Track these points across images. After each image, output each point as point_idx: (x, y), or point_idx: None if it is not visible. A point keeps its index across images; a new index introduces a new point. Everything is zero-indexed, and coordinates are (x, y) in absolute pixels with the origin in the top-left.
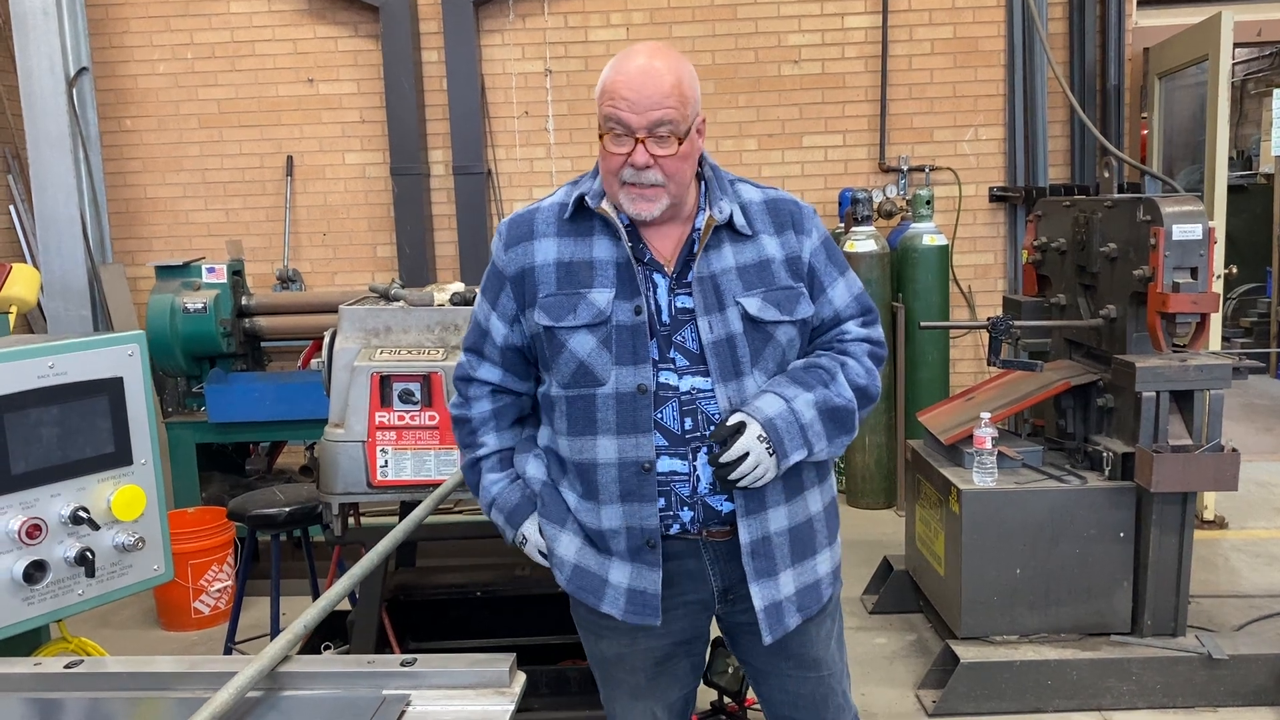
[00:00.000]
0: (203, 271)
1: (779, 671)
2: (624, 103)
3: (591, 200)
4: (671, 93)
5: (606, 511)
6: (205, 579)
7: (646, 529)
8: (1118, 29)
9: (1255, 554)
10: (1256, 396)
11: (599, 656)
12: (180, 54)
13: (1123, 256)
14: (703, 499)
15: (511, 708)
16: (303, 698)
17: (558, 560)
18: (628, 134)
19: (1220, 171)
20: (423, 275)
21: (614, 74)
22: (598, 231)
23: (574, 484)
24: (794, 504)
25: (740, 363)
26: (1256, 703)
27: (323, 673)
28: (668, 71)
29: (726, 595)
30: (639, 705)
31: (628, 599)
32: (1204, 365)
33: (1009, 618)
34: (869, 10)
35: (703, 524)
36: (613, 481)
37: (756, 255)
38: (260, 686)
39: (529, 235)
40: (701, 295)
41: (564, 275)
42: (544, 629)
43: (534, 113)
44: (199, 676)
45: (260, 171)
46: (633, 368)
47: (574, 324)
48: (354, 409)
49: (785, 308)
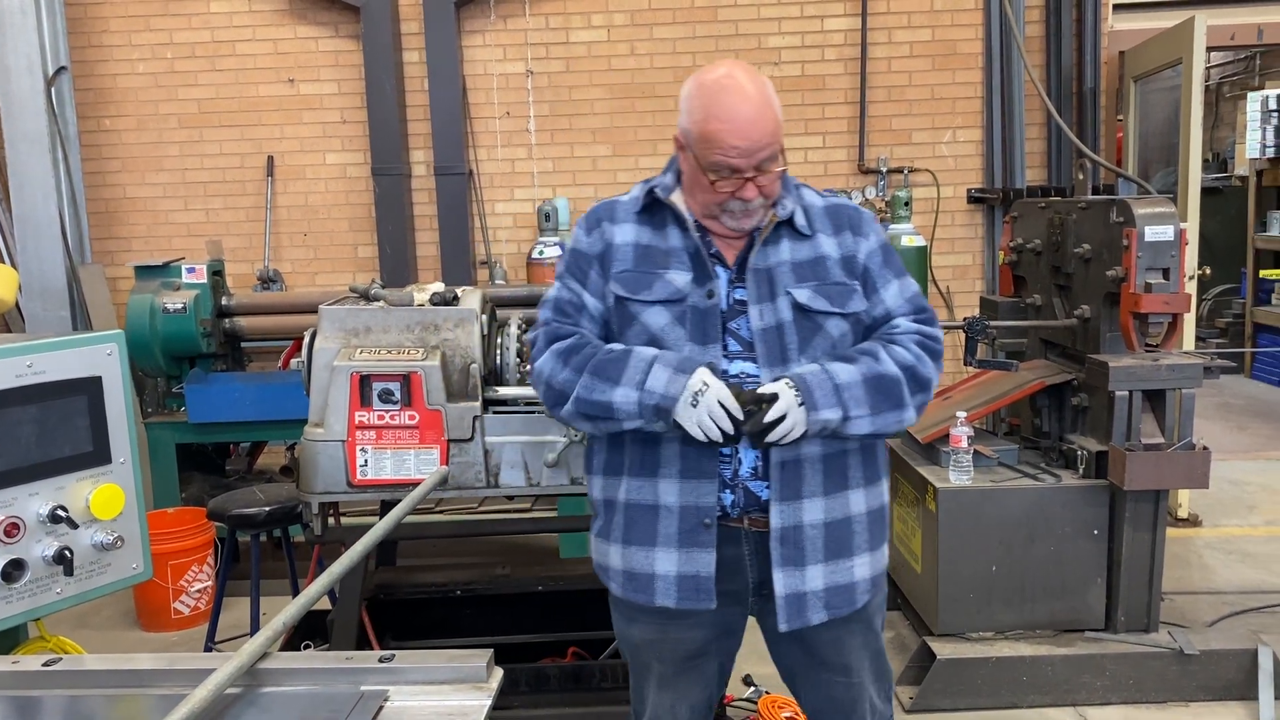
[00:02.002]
0: (182, 272)
1: (809, 674)
2: (734, 151)
3: (661, 193)
4: (774, 129)
5: (663, 487)
6: (185, 579)
7: (703, 507)
8: (1094, 32)
9: (1228, 551)
10: (1232, 396)
11: (629, 641)
12: (160, 53)
13: (1096, 257)
14: (744, 483)
15: (488, 702)
16: (281, 694)
17: (612, 572)
18: (736, 175)
19: (1194, 173)
20: (404, 276)
21: (715, 122)
22: (670, 222)
23: (631, 462)
24: (833, 499)
25: (787, 349)
26: (1227, 697)
27: (301, 669)
28: (767, 107)
29: (761, 589)
30: (664, 696)
31: (679, 586)
32: (1175, 365)
33: (985, 614)
34: (848, 13)
35: (743, 509)
36: (675, 457)
37: (812, 252)
38: (239, 683)
39: (610, 219)
40: (755, 285)
41: (641, 255)
42: (524, 627)
43: (515, 113)
44: (178, 673)
45: (241, 172)
46: (702, 347)
47: (649, 299)
48: (333, 408)
49: (837, 301)
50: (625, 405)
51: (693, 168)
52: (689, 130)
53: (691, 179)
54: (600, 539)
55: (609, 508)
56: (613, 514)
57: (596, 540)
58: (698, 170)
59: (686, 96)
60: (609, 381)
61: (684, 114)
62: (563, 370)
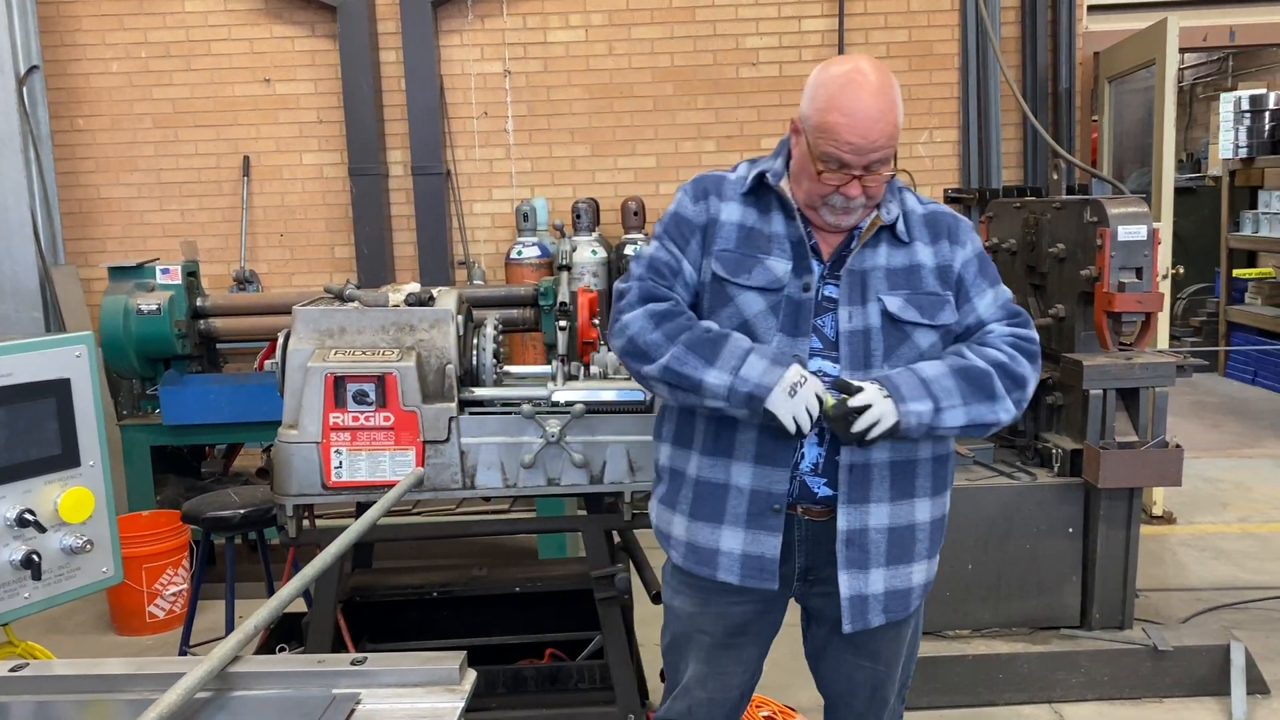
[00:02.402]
0: (156, 273)
1: (837, 654)
2: (848, 147)
3: (771, 178)
4: (893, 133)
5: (736, 468)
6: (160, 582)
7: (774, 493)
8: (1069, 33)
9: (1202, 548)
10: (1206, 394)
11: (677, 611)
12: (134, 53)
13: (1070, 257)
14: (802, 477)
15: (461, 704)
16: (252, 697)
17: (674, 541)
18: (845, 170)
19: (1167, 173)
20: (381, 276)
21: (836, 114)
22: (775, 208)
23: (704, 439)
24: (899, 505)
25: (871, 355)
26: (1200, 693)
27: (273, 672)
28: (890, 110)
29: (807, 575)
30: (698, 669)
31: (742, 564)
32: (1149, 364)
33: (961, 612)
34: (825, 14)
35: (797, 499)
36: (750, 441)
37: (908, 260)
38: (210, 687)
39: (717, 194)
40: (848, 287)
41: (744, 237)
42: (502, 629)
43: (493, 113)
44: (147, 678)
45: (216, 172)
46: (792, 339)
47: (747, 283)
48: (308, 410)
49: (928, 312)
50: (716, 387)
51: (804, 154)
52: (808, 116)
53: (800, 165)
54: (664, 506)
55: (676, 477)
56: (680, 485)
57: (660, 506)
58: (808, 157)
59: (814, 83)
60: (703, 360)
61: (807, 100)
62: (653, 332)
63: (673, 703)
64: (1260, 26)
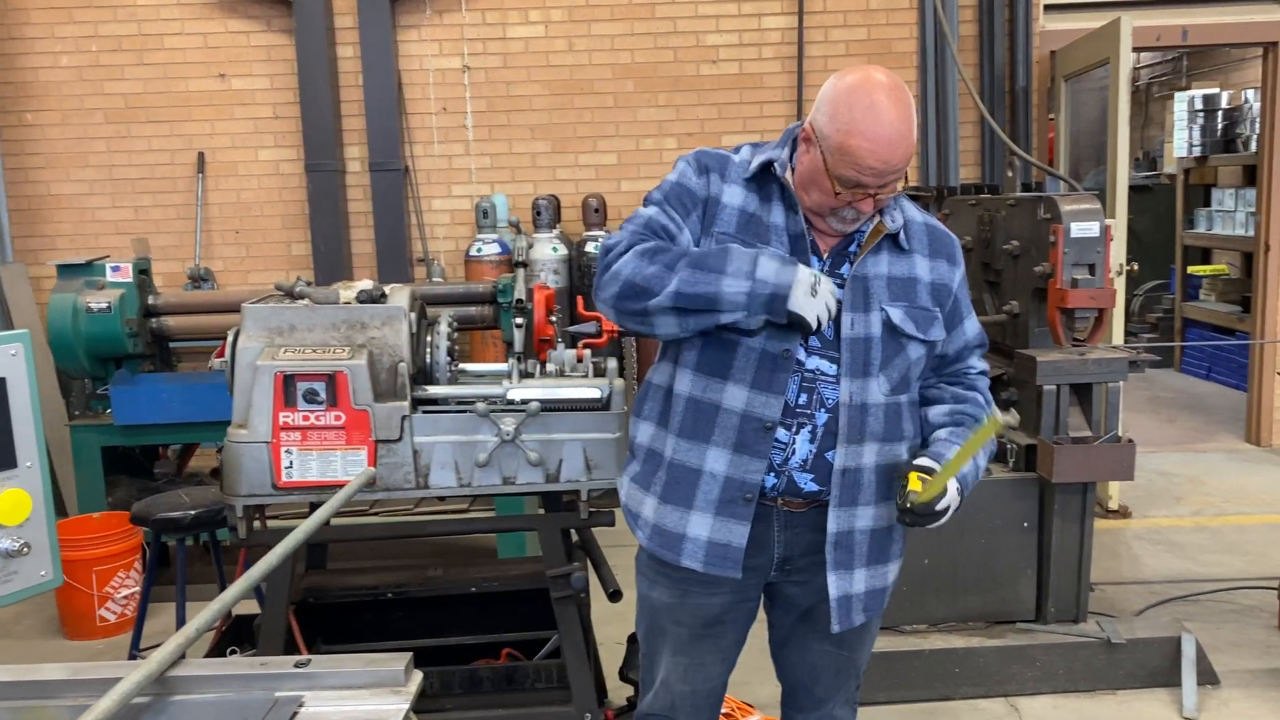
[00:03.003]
0: (107, 270)
1: (803, 642)
2: (870, 171)
3: (779, 169)
4: (911, 152)
5: (712, 454)
6: (111, 585)
7: (748, 484)
8: (1025, 32)
9: (1156, 541)
10: (1161, 390)
11: (649, 604)
12: (84, 46)
13: (1025, 254)
14: (790, 472)
15: (406, 706)
16: (192, 702)
17: (641, 521)
18: (861, 188)
19: (1122, 171)
20: (339, 273)
21: (860, 139)
22: (776, 198)
23: (681, 422)
24: (882, 507)
25: (871, 364)
26: (1153, 684)
27: (214, 675)
28: (910, 130)
29: (785, 565)
30: (677, 661)
31: (707, 551)
32: (1102, 359)
33: (918, 607)
34: (785, 11)
35: (782, 493)
36: (731, 429)
37: (907, 271)
38: (148, 692)
39: (720, 173)
40: (852, 293)
41: (745, 223)
42: (458, 629)
43: (452, 109)
44: (85, 683)
45: (170, 168)
46: (784, 331)
47: None
48: (257, 409)
49: (921, 326)
50: (733, 295)
51: (818, 168)
52: (828, 136)
53: (811, 177)
54: (637, 485)
55: (652, 458)
56: (656, 466)
57: (632, 485)
58: (822, 173)
59: (832, 100)
60: (714, 273)
61: (825, 116)
62: (650, 266)
63: (654, 699)
64: (1212, 27)
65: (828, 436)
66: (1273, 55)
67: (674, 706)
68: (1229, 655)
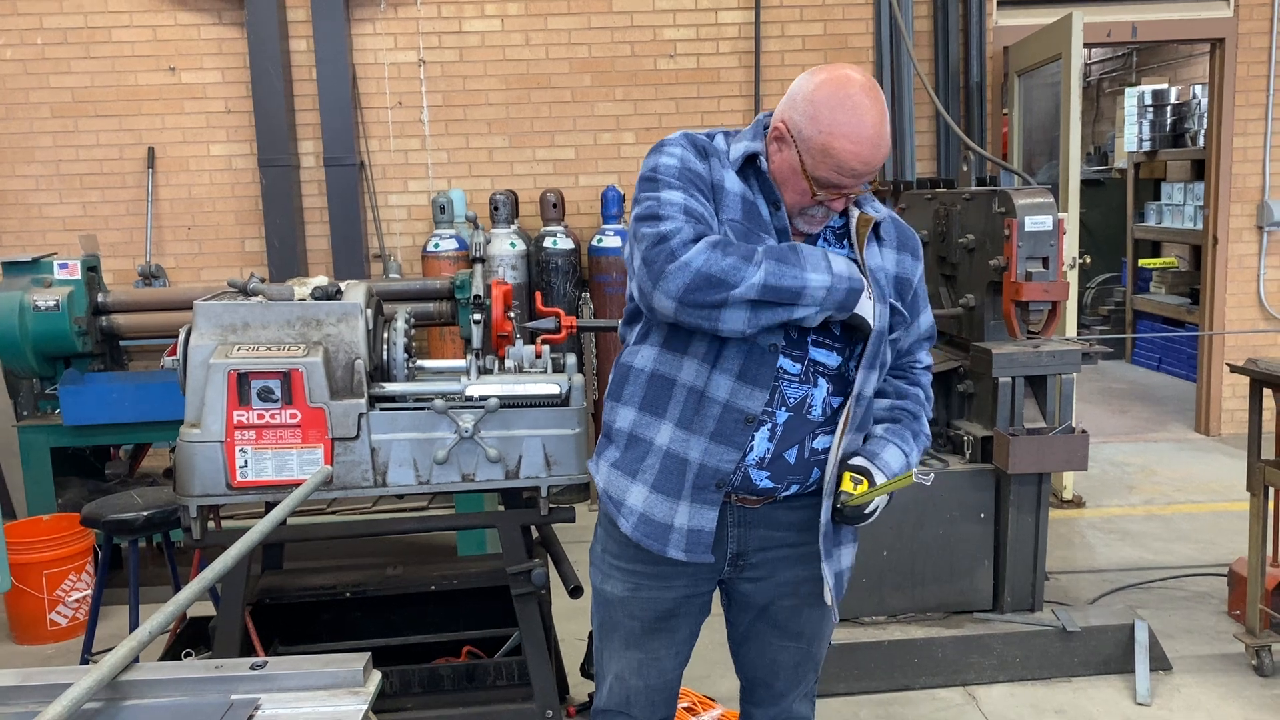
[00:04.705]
0: (54, 268)
1: (762, 638)
2: (851, 173)
3: (764, 164)
4: (888, 151)
5: (694, 443)
6: (62, 589)
7: (720, 471)
8: (979, 27)
9: (1109, 530)
10: (1114, 381)
11: (603, 597)
12: (29, 39)
13: (980, 247)
14: (747, 468)
15: (364, 707)
16: (145, 706)
17: (626, 510)
18: (837, 188)
19: (1074, 166)
20: (294, 270)
21: (843, 140)
22: (758, 193)
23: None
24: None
25: (880, 356)
26: (1107, 671)
27: (168, 679)
28: (887, 129)
29: (737, 561)
30: (630, 655)
31: (688, 539)
32: (1056, 351)
33: (877, 599)
34: (742, 6)
35: (736, 489)
36: (711, 418)
37: (881, 262)
38: (100, 697)
39: (716, 158)
40: (874, 284)
41: (747, 210)
42: (418, 628)
43: (408, 103)
44: (35, 689)
45: (120, 164)
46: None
47: None
48: (210, 408)
49: (899, 319)
50: (817, 290)
51: (793, 168)
52: (808, 137)
53: (784, 175)
54: (619, 471)
55: (637, 444)
56: (645, 453)
57: (612, 470)
58: (799, 174)
59: (808, 99)
60: (797, 267)
61: (803, 116)
62: (725, 259)
63: (609, 695)
64: (1162, 23)
65: (787, 435)
66: (1220, 51)
67: (629, 701)
68: (1181, 641)
